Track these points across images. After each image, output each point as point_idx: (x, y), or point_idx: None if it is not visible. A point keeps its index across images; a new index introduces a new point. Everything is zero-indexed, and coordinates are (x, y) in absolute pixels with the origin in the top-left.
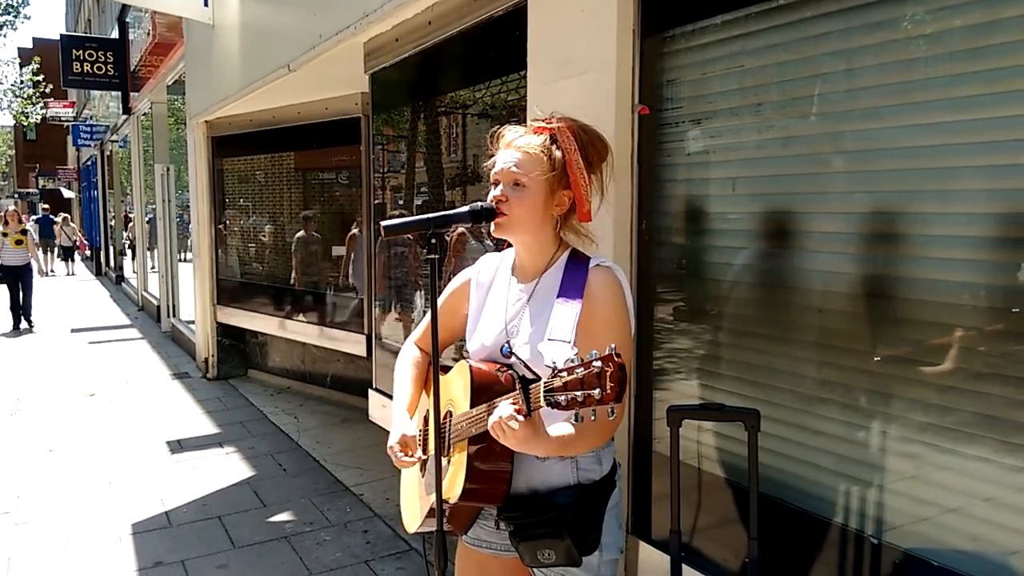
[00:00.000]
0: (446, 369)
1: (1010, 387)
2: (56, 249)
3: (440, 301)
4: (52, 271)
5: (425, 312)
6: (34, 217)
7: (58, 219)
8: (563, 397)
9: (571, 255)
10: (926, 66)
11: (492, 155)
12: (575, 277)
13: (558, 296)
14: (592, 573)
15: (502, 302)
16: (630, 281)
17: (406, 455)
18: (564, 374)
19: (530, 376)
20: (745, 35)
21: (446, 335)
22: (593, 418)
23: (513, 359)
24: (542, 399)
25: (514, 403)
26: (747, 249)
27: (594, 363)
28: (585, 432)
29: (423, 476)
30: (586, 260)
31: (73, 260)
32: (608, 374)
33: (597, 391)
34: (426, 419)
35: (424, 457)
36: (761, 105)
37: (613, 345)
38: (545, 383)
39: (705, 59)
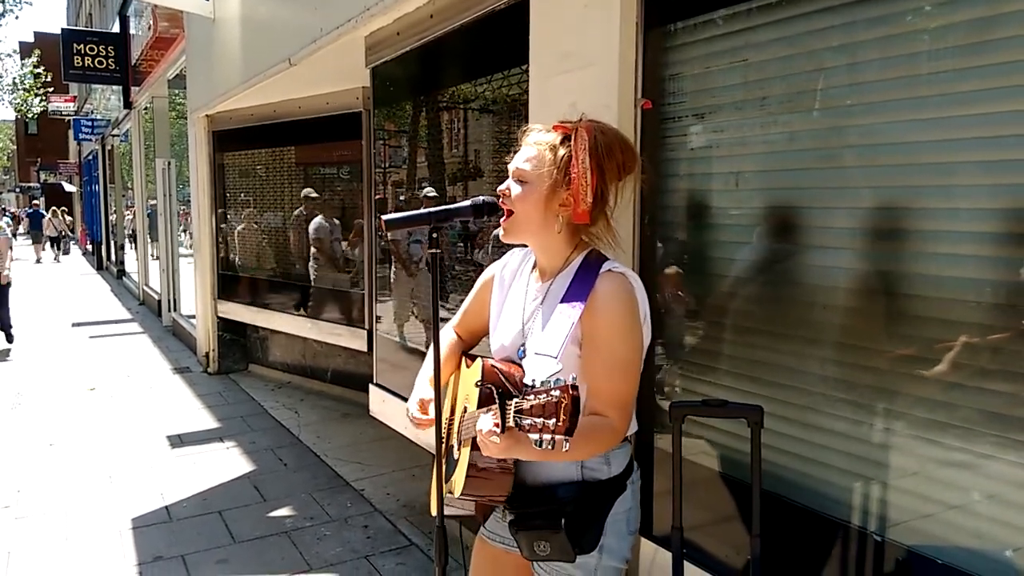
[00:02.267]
0: (475, 359)
1: (1016, 384)
2: (45, 239)
3: (470, 295)
4: (39, 260)
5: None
6: (26, 211)
7: (47, 213)
8: (528, 421)
9: (586, 258)
10: (930, 60)
11: (517, 151)
12: (583, 283)
13: (560, 302)
14: (588, 574)
15: (521, 301)
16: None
17: (423, 414)
18: (531, 397)
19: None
20: (749, 29)
21: (480, 327)
22: (551, 448)
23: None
24: (511, 419)
25: (494, 416)
26: (750, 244)
27: (553, 391)
28: (586, 440)
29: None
30: (599, 264)
31: (58, 248)
32: (563, 406)
33: (552, 421)
34: (452, 409)
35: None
36: (765, 99)
37: (574, 375)
38: (516, 403)
39: (709, 53)
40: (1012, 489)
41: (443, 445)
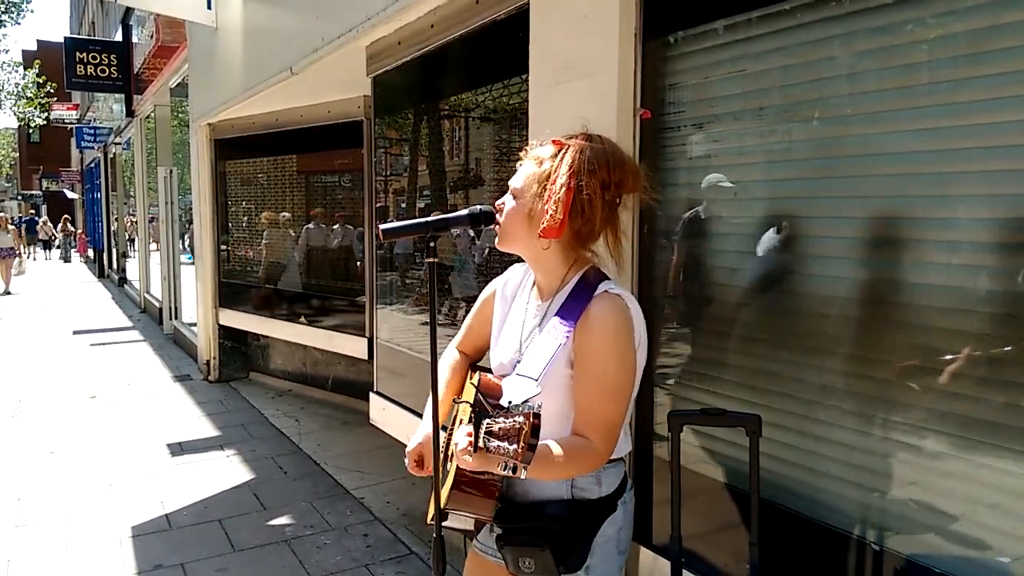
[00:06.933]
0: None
1: (1012, 393)
2: (37, 243)
3: (472, 312)
4: (34, 258)
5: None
6: (20, 217)
7: (40, 220)
8: (494, 444)
9: (583, 277)
10: (929, 70)
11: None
12: (576, 303)
13: (551, 324)
14: None
15: (520, 320)
16: (632, 286)
17: (418, 465)
18: (500, 420)
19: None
20: (747, 39)
21: (484, 343)
22: (511, 473)
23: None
24: (482, 439)
25: (469, 436)
26: (749, 253)
27: (517, 417)
28: (565, 462)
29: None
30: (595, 284)
31: (49, 249)
32: (523, 433)
33: (513, 447)
34: (454, 420)
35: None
36: (763, 109)
37: (540, 403)
38: (486, 424)
39: (707, 63)
40: (1011, 499)
41: (441, 455)
